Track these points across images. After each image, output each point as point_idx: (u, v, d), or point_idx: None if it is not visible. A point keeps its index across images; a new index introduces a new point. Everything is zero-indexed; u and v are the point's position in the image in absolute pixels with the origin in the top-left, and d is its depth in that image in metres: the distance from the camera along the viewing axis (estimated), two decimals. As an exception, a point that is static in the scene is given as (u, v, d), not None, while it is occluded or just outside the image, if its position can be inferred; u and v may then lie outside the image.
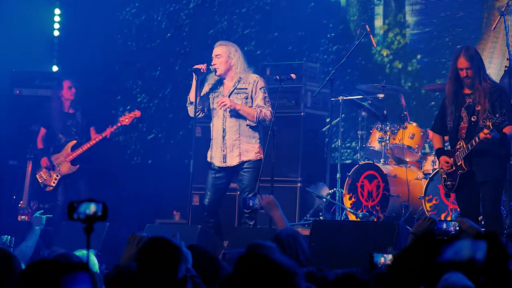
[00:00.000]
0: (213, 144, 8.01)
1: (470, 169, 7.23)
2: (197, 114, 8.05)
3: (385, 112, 9.46)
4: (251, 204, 5.69)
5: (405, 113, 9.33)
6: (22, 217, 9.97)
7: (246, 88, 7.95)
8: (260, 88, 7.96)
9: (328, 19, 11.21)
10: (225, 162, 7.92)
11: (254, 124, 7.92)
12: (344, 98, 9.50)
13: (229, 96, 7.96)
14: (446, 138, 7.62)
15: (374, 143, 9.44)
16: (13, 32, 11.29)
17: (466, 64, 7.18)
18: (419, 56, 10.75)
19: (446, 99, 7.39)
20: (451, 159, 7.31)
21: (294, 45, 11.27)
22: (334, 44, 11.12)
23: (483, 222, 7.37)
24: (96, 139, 9.71)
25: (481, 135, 6.98)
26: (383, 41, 10.90)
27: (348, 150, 10.82)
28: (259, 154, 7.97)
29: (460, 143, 7.26)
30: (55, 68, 12.05)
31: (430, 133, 8.16)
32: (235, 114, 7.91)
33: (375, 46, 10.29)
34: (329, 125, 9.65)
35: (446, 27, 10.50)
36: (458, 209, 7.72)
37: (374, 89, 9.52)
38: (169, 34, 11.97)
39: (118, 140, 12.06)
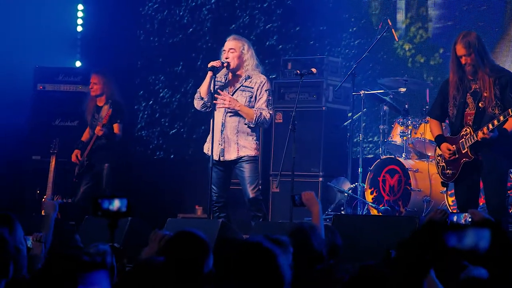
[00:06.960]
0: (211, 138, 7.95)
1: (476, 157, 6.95)
2: (204, 109, 8.06)
3: (406, 106, 9.43)
4: (297, 201, 5.70)
5: (427, 107, 9.28)
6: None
7: (252, 88, 7.92)
8: (266, 90, 7.93)
9: (350, 13, 11.16)
10: (223, 156, 7.91)
11: (252, 126, 7.90)
12: (366, 92, 9.47)
13: (234, 92, 7.94)
14: (444, 125, 7.39)
15: (396, 138, 9.41)
16: (37, 28, 11.37)
17: (464, 51, 6.87)
18: (441, 50, 10.67)
19: (450, 85, 7.06)
20: (453, 146, 7.05)
21: (316, 39, 11.24)
22: (356, 39, 11.08)
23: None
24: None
25: (480, 134, 6.79)
26: (405, 35, 10.83)
27: (370, 145, 10.78)
28: (256, 151, 7.98)
29: (466, 130, 6.96)
30: (78, 64, 12.12)
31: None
32: (236, 111, 7.90)
33: (397, 40, 10.24)
34: (350, 120, 9.64)
35: (468, 20, 10.41)
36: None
37: (396, 83, 9.48)
38: (191, 29, 11.99)
39: (141, 135, 12.11)
